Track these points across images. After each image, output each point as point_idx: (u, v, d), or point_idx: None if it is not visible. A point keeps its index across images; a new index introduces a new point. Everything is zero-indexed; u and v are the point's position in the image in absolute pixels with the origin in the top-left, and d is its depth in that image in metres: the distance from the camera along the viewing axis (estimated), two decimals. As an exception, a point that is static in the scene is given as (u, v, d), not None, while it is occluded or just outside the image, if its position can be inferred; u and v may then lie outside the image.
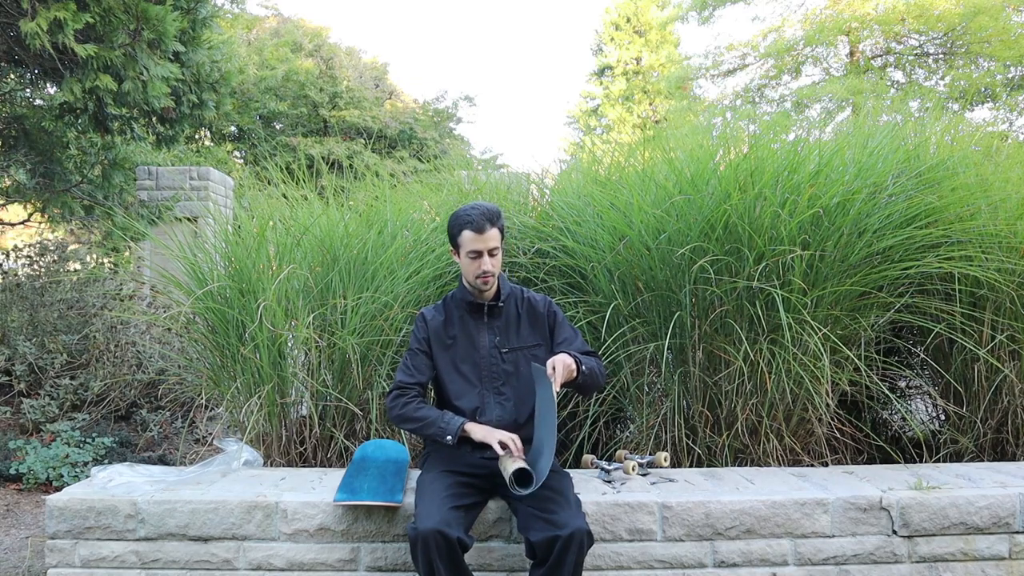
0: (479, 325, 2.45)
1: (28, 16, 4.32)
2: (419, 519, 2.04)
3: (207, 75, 5.92)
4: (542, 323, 2.48)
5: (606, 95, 25.85)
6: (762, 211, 2.80)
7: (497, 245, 2.36)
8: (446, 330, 2.45)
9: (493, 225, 2.34)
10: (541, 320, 2.48)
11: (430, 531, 1.97)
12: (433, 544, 1.97)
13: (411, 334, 2.52)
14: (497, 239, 2.36)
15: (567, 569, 1.99)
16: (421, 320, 2.50)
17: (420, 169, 9.81)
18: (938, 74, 15.01)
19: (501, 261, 2.43)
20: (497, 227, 2.36)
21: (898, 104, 10.64)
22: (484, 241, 2.33)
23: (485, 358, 2.42)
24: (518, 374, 2.42)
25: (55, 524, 2.37)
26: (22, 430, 4.34)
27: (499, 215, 2.38)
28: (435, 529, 1.97)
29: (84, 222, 7.13)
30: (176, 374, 3.82)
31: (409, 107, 19.80)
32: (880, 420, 3.43)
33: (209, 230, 3.75)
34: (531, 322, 2.47)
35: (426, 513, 2.04)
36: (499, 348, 2.42)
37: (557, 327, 2.50)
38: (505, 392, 2.41)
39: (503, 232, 2.40)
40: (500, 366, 2.42)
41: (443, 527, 1.98)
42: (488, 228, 2.32)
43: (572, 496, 2.17)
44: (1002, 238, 2.99)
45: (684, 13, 17.39)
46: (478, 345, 2.43)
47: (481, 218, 2.32)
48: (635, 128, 23.71)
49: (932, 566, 2.39)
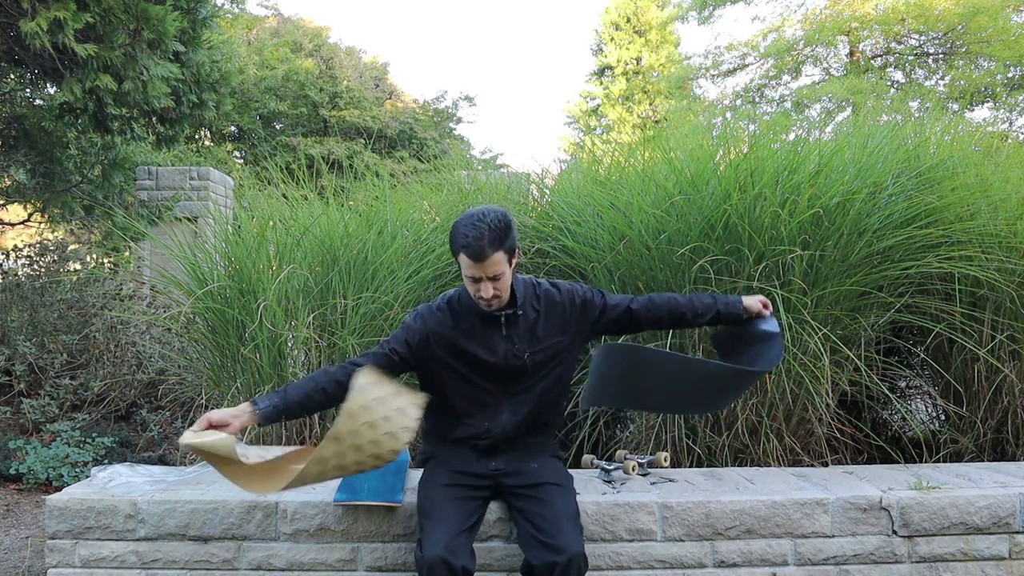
0: (495, 334, 2.17)
1: (28, 16, 4.32)
2: (425, 545, 1.98)
3: (207, 75, 5.92)
4: (563, 317, 2.21)
5: (606, 95, 25.85)
6: (762, 211, 2.80)
7: (502, 271, 2.03)
8: (455, 338, 2.17)
9: (496, 248, 1.99)
10: (561, 314, 2.21)
11: (436, 560, 1.93)
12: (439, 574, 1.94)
13: (400, 327, 2.22)
14: (501, 264, 2.02)
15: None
16: (418, 321, 2.19)
17: (420, 169, 9.80)
18: (938, 74, 15.02)
19: (509, 282, 2.11)
20: (503, 250, 2.00)
21: (898, 104, 10.65)
22: (483, 269, 2.00)
23: (502, 367, 2.17)
24: (538, 377, 2.21)
25: (55, 524, 2.37)
26: (22, 430, 4.34)
27: (507, 234, 2.00)
28: (441, 558, 1.93)
29: (84, 222, 7.12)
30: (176, 374, 3.82)
31: (409, 107, 19.81)
32: (880, 420, 3.43)
33: (209, 230, 3.75)
34: (550, 319, 2.20)
35: (432, 539, 1.98)
36: (519, 355, 2.16)
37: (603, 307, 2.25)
38: (524, 398, 2.21)
39: (513, 252, 2.05)
40: (521, 372, 2.19)
41: (449, 556, 1.93)
42: (489, 254, 1.98)
43: (573, 508, 2.12)
44: (1002, 238, 2.99)
45: (684, 13, 17.39)
46: (497, 353, 2.16)
47: (478, 241, 1.96)
48: (635, 128, 23.71)
49: (932, 566, 2.39)
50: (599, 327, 2.29)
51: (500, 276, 2.04)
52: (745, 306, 2.34)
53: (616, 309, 2.28)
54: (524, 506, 2.14)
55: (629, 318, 2.29)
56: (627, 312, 2.28)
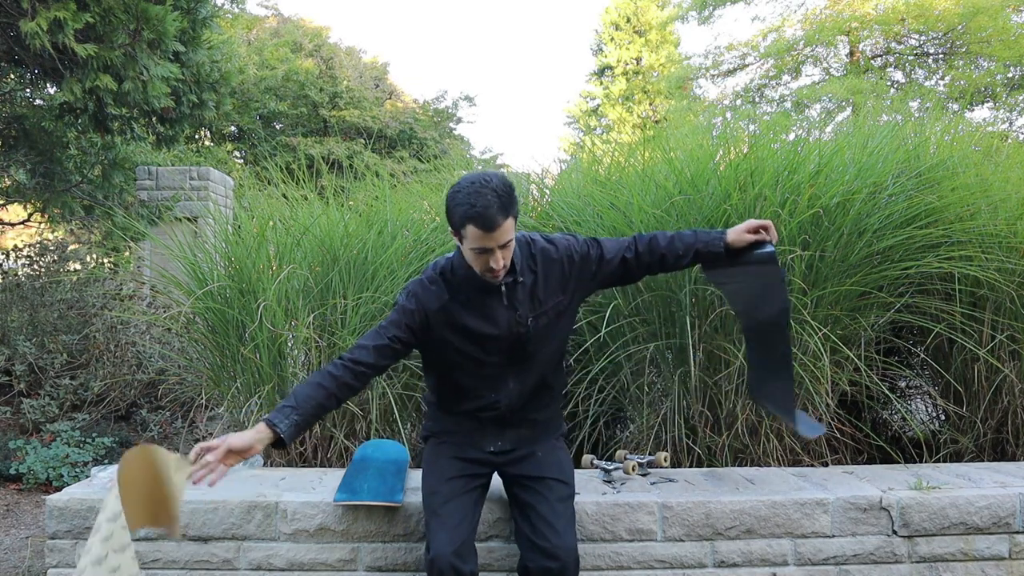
0: (496, 304, 2.06)
1: (28, 16, 4.32)
2: (433, 544, 1.99)
3: (207, 75, 5.92)
4: (561, 275, 2.11)
5: (606, 95, 25.85)
6: (762, 211, 2.80)
7: (511, 237, 1.93)
8: (454, 312, 2.06)
9: (507, 215, 1.89)
10: (560, 272, 2.11)
11: (446, 565, 1.95)
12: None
13: (394, 309, 2.09)
14: (511, 230, 1.92)
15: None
16: (412, 301, 2.06)
17: (420, 169, 9.81)
18: (938, 74, 15.02)
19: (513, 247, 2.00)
20: (511, 215, 1.91)
21: (898, 104, 10.65)
22: (494, 238, 1.89)
23: (505, 336, 2.07)
24: (543, 340, 2.11)
25: (55, 524, 2.37)
26: (22, 430, 4.34)
27: (513, 197, 1.91)
28: (450, 563, 1.95)
29: (84, 222, 7.12)
30: (176, 374, 3.82)
31: (409, 107, 19.81)
32: (880, 420, 3.43)
33: (209, 230, 3.75)
34: (549, 279, 2.10)
35: (440, 540, 1.99)
36: (522, 321, 2.06)
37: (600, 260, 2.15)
38: (529, 366, 2.12)
39: (517, 216, 1.96)
40: (524, 338, 2.08)
41: (457, 562, 1.96)
42: (500, 222, 1.87)
43: (571, 509, 2.13)
44: (1002, 238, 2.99)
45: (684, 13, 17.40)
46: (500, 324, 2.06)
47: (491, 209, 1.85)
48: (635, 128, 23.70)
49: (932, 566, 2.39)
50: (597, 281, 2.20)
51: (509, 243, 1.94)
52: (728, 241, 2.12)
53: (612, 263, 2.17)
54: (525, 499, 2.13)
55: (623, 272, 2.20)
56: (622, 265, 2.18)
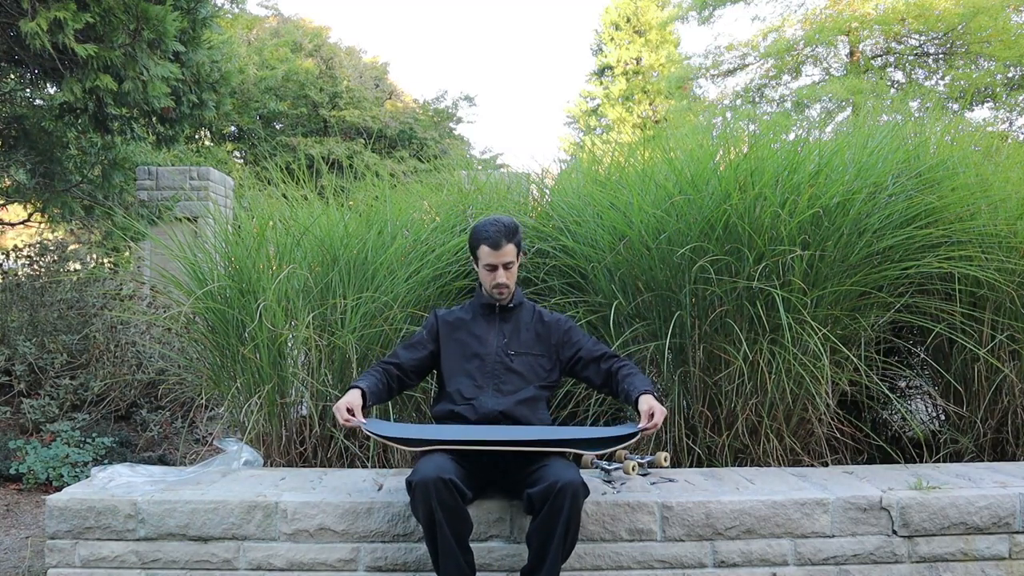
0: (490, 325, 2.57)
1: (28, 16, 4.32)
2: (418, 469, 2.11)
3: (207, 75, 5.92)
4: (548, 336, 2.57)
5: (606, 95, 25.83)
6: (762, 211, 2.80)
7: (512, 260, 2.51)
8: (457, 324, 2.58)
9: (509, 241, 2.49)
10: (547, 333, 2.57)
11: (430, 477, 2.03)
12: (433, 489, 2.03)
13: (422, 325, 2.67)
14: (512, 254, 2.51)
15: (563, 516, 2.05)
16: (432, 316, 2.64)
17: (420, 169, 9.81)
18: (938, 74, 15.01)
19: (517, 274, 2.58)
20: (513, 243, 2.50)
21: (898, 104, 10.64)
22: (499, 256, 2.48)
23: (491, 355, 2.52)
24: (519, 375, 2.51)
25: (55, 524, 2.37)
26: (22, 430, 4.34)
27: (516, 231, 2.52)
28: (435, 476, 2.03)
29: (84, 222, 7.12)
30: (176, 374, 3.82)
31: (409, 107, 19.80)
32: (880, 420, 3.43)
33: (209, 230, 3.75)
34: (538, 333, 2.57)
35: (425, 465, 2.11)
36: (505, 350, 2.52)
37: (571, 334, 2.59)
38: (504, 389, 2.49)
39: (520, 247, 2.55)
40: (506, 365, 2.51)
41: (442, 473, 2.05)
42: (504, 244, 2.48)
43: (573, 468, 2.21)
44: (1002, 238, 2.99)
45: (684, 13, 17.37)
46: (486, 343, 2.54)
47: (498, 234, 2.47)
48: (635, 128, 23.70)
49: (932, 566, 2.39)
50: (565, 361, 2.56)
51: (511, 266, 2.52)
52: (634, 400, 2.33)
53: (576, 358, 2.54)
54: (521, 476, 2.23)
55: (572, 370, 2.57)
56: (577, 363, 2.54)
